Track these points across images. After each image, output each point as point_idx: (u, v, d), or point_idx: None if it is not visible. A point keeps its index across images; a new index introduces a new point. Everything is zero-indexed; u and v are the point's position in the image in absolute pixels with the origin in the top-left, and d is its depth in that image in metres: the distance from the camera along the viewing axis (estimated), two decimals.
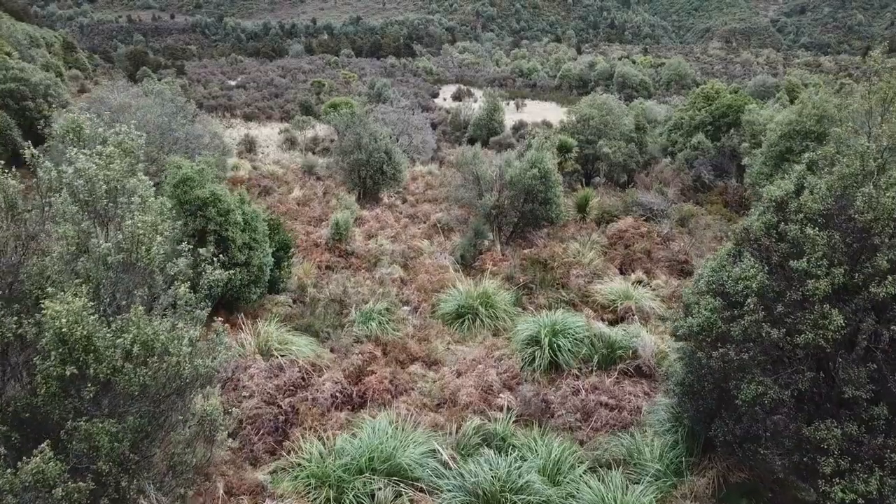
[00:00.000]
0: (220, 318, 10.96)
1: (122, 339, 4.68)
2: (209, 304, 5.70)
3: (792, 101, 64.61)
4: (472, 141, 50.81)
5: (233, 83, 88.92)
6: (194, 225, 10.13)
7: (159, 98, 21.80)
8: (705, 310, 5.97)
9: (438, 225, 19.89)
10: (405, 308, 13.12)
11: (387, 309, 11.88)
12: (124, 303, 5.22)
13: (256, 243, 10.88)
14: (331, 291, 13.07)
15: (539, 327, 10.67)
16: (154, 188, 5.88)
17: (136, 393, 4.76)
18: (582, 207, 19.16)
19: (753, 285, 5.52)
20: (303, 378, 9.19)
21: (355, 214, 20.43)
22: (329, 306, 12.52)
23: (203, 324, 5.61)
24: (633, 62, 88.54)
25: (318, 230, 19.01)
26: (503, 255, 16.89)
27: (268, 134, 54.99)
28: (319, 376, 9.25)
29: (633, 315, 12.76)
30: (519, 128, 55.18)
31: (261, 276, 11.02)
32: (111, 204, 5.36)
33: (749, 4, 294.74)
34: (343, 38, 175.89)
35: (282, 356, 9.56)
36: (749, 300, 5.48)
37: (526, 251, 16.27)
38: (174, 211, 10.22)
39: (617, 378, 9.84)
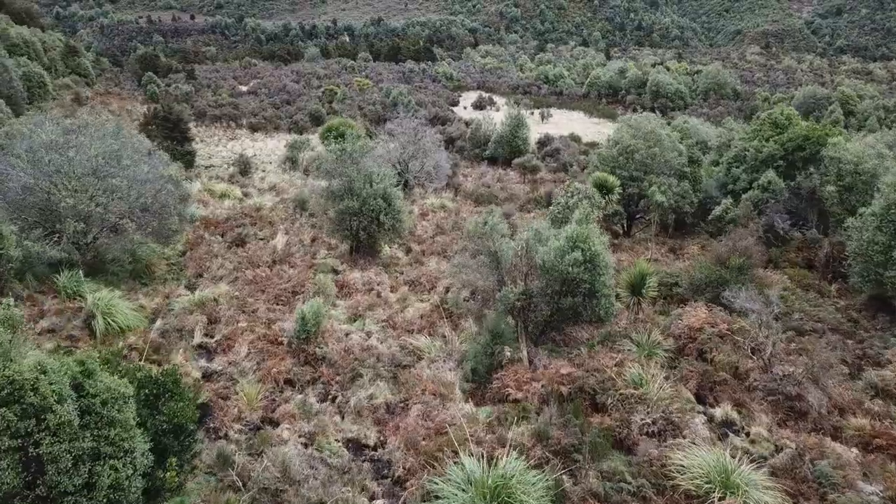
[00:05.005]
0: None
1: None
2: None
3: (846, 115, 59.14)
4: (492, 160, 46.04)
5: (244, 88, 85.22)
6: None
7: (100, 132, 17.37)
8: None
9: (445, 306, 15.17)
10: (379, 502, 8.45)
11: None
12: None
13: (112, 445, 6.28)
14: (264, 471, 8.44)
15: None
16: None
17: None
18: (637, 287, 14.34)
19: None
20: None
21: (333, 293, 15.79)
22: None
23: None
24: (668, 69, 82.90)
25: (284, 316, 14.39)
26: (531, 366, 12.15)
27: (272, 147, 50.74)
28: None
29: None
30: (545, 142, 50.31)
31: (121, 498, 6.40)
32: None
33: (782, 5, 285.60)
34: (362, 40, 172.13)
35: None
36: None
37: (564, 370, 11.48)
38: None
39: None
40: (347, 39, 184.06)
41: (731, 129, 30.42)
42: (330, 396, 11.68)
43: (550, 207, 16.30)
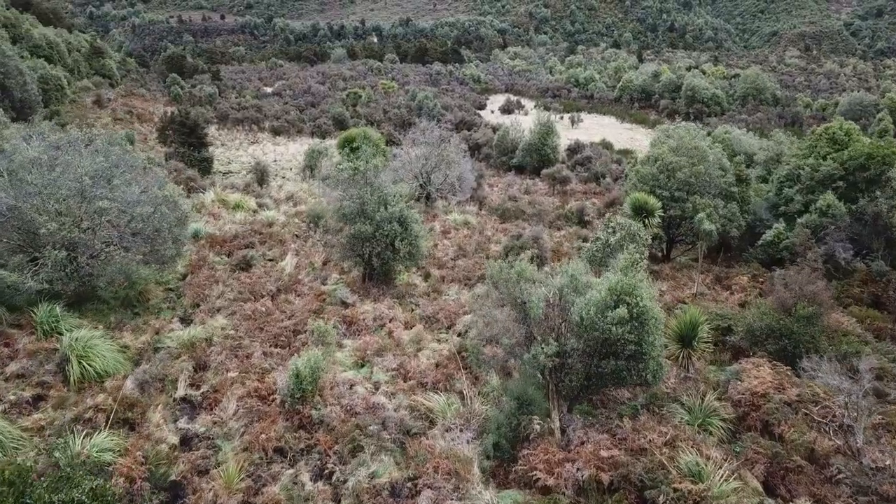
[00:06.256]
0: None
1: None
2: None
3: None
4: (520, 168, 44.04)
5: (269, 90, 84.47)
6: None
7: (89, 148, 15.88)
8: None
9: (464, 353, 13.33)
10: None
11: None
12: None
13: None
14: None
15: None
16: None
17: None
18: (687, 340, 12.35)
19: None
20: None
21: (335, 341, 14.02)
22: None
23: None
24: (703, 73, 79.84)
25: (281, 363, 12.68)
26: (563, 436, 10.27)
27: (294, 152, 49.37)
28: None
29: None
30: (575, 150, 48.15)
31: None
32: None
33: (819, 6, 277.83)
34: (390, 41, 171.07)
35: None
36: None
37: (604, 451, 9.56)
38: None
39: None
40: (375, 40, 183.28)
41: (779, 142, 28.04)
42: (325, 472, 9.93)
43: (587, 244, 14.34)
